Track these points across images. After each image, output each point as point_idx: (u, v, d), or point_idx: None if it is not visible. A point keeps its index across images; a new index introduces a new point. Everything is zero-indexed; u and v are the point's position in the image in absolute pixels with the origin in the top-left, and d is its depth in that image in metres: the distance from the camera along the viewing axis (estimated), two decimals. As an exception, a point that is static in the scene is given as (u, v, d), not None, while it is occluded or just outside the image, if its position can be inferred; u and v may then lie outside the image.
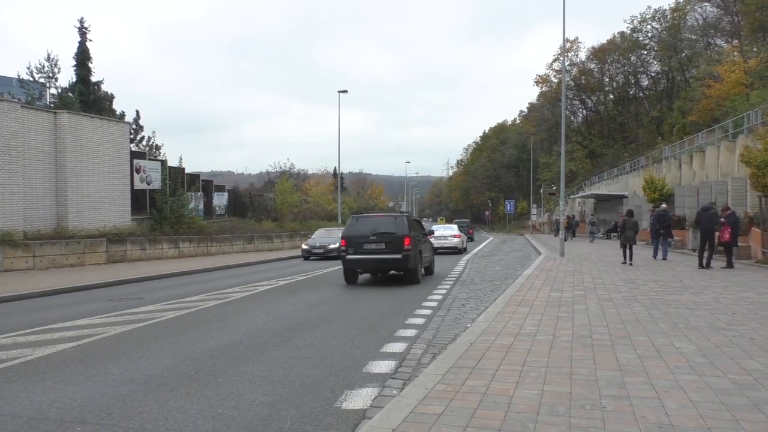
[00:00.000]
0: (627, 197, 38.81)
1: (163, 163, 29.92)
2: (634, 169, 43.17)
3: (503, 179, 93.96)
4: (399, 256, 13.83)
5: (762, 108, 24.42)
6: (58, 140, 22.16)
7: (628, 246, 17.79)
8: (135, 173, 26.73)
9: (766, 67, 35.17)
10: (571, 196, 53.94)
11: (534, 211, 65.49)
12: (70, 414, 4.59)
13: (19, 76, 30.29)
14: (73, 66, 31.55)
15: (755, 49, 39.83)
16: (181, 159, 36.46)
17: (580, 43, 72.70)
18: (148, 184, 27.68)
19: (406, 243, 13.85)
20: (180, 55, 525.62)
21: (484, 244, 39.25)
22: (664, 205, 20.84)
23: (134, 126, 34.41)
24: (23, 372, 5.99)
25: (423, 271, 15.48)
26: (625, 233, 18.07)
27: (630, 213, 18.87)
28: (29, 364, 6.38)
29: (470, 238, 42.53)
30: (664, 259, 19.01)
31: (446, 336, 7.57)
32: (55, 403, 4.89)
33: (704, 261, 15.56)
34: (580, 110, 76.29)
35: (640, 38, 61.16)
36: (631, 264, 17.36)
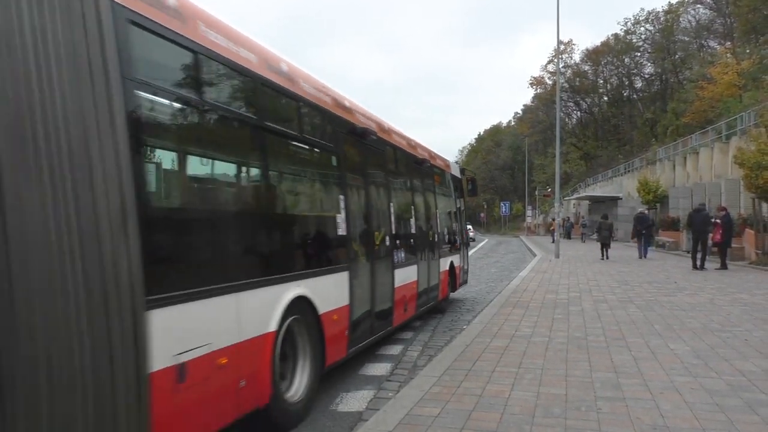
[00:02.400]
0: (621, 199, 38.88)
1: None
2: (629, 171, 43.29)
3: (498, 181, 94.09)
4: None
5: (755, 109, 24.53)
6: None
7: (603, 244, 20.58)
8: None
9: (758, 68, 35.35)
10: (566, 198, 54.07)
11: (529, 212, 65.56)
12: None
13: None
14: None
15: (748, 51, 40.03)
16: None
17: (574, 45, 72.69)
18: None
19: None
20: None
21: (479, 246, 39.25)
22: (640, 209, 24.35)
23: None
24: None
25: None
26: (601, 233, 20.94)
27: (605, 216, 22.15)
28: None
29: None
30: (644, 257, 20.41)
31: (442, 338, 7.58)
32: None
33: (698, 262, 15.62)
34: (575, 112, 76.48)
35: (634, 40, 61.42)
36: (606, 259, 19.84)
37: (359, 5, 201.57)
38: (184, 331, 3.12)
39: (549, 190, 52.85)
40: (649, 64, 62.18)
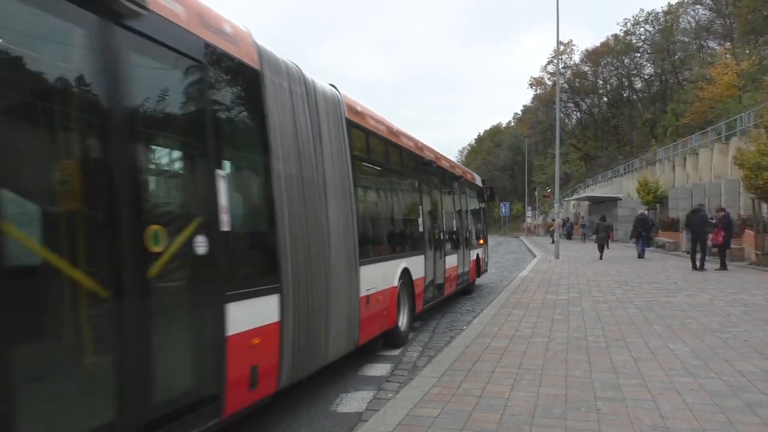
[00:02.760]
0: (621, 199, 38.85)
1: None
2: (628, 172, 43.27)
3: (498, 182, 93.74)
4: None
5: (754, 110, 24.54)
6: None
7: (600, 245, 21.40)
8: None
9: (758, 69, 35.37)
10: (566, 199, 54.05)
11: (529, 213, 65.52)
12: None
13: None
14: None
15: (747, 52, 40.05)
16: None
17: (574, 45, 72.91)
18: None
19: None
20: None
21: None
22: (641, 210, 24.97)
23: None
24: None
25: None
26: (598, 234, 21.89)
27: (603, 218, 23.00)
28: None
29: None
30: (643, 257, 20.82)
31: (442, 339, 7.58)
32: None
33: (697, 263, 15.61)
34: (574, 113, 76.43)
35: (634, 41, 61.42)
36: (601, 259, 20.52)
37: (359, 5, 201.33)
38: (368, 280, 5.91)
39: (549, 190, 52.89)
40: (648, 64, 62.16)
